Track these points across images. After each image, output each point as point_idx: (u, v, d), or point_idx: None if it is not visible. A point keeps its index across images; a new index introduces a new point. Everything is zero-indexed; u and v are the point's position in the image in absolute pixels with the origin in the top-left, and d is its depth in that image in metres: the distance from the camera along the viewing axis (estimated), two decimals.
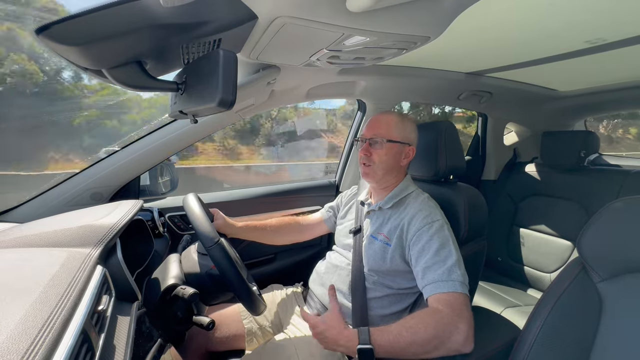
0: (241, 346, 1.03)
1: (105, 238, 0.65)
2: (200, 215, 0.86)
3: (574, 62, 1.16)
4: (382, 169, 0.98)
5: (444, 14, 0.70)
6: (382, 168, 0.98)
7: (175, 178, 1.37)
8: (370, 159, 0.98)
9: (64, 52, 0.54)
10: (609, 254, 0.64)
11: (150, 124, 1.18)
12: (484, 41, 1.02)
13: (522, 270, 1.76)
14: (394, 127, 0.98)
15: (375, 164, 0.98)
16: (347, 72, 1.24)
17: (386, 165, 0.98)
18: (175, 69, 0.81)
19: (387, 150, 0.97)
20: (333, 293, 0.93)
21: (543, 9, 0.78)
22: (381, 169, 0.98)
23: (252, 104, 1.18)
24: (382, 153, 0.97)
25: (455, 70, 1.40)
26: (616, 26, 0.87)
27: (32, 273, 0.51)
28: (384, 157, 0.97)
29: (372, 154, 0.98)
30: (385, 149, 0.97)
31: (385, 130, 0.98)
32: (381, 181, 1.01)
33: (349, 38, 0.73)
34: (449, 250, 0.83)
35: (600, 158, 2.00)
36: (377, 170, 0.98)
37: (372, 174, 0.99)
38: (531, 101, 1.79)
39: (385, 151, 0.97)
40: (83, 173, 1.08)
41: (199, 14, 0.60)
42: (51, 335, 0.38)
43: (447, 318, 0.72)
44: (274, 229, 1.20)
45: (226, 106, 0.58)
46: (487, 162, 2.10)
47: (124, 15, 0.51)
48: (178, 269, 0.84)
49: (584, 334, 0.64)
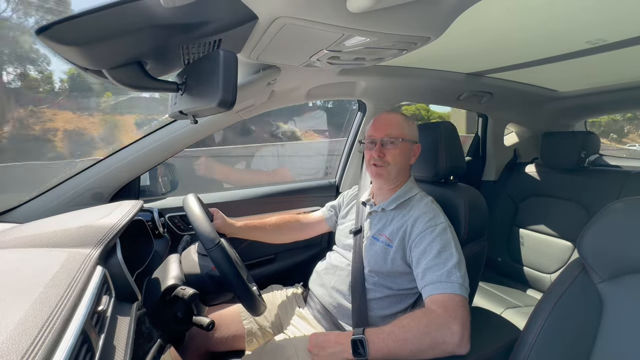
0: (241, 346, 1.03)
1: (105, 238, 0.65)
2: (200, 216, 0.86)
3: (575, 63, 1.16)
4: (396, 169, 0.98)
5: (444, 14, 0.70)
6: (396, 168, 0.98)
7: (175, 178, 1.37)
8: (384, 160, 0.97)
9: (64, 52, 0.54)
10: (609, 255, 0.64)
11: (150, 125, 1.18)
12: (484, 42, 1.02)
13: (523, 271, 1.76)
14: (404, 125, 0.99)
15: (390, 164, 0.97)
16: (347, 72, 1.24)
17: (400, 164, 0.98)
18: (176, 69, 0.81)
19: (401, 149, 0.97)
20: None
21: (543, 10, 0.77)
22: (395, 169, 0.98)
23: (252, 104, 1.18)
24: (397, 153, 0.97)
25: (455, 71, 1.40)
26: (617, 27, 0.87)
27: (32, 273, 0.51)
28: (398, 157, 0.97)
29: (386, 155, 0.97)
30: (400, 148, 0.97)
31: (398, 130, 0.98)
32: (393, 181, 1.01)
33: (349, 38, 0.73)
34: (450, 252, 0.83)
35: (601, 159, 2.00)
36: (392, 170, 0.98)
37: (386, 175, 0.98)
38: (531, 102, 1.79)
39: (399, 151, 0.97)
40: (83, 173, 1.08)
41: (199, 15, 0.60)
42: (51, 335, 0.38)
43: (440, 318, 0.73)
44: (274, 227, 1.20)
45: (226, 107, 0.58)
46: (487, 162, 2.10)
47: (124, 15, 0.51)
48: (178, 270, 0.84)
49: (584, 334, 0.63)
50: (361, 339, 0.74)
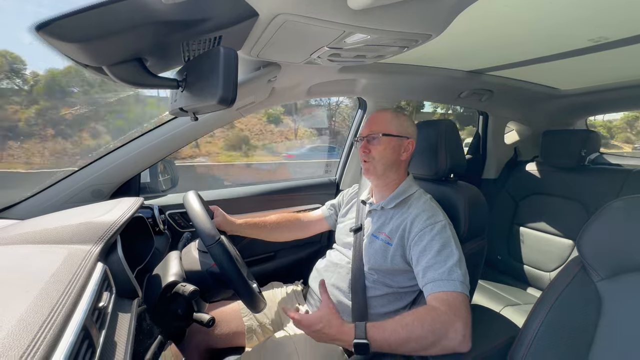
0: (241, 343, 1.03)
1: (106, 235, 0.65)
2: (200, 213, 0.86)
3: (576, 61, 1.16)
4: (382, 164, 0.98)
5: (445, 11, 0.70)
6: (382, 163, 0.98)
7: (176, 176, 1.38)
8: (370, 155, 0.99)
9: (63, 48, 0.54)
10: (608, 253, 0.64)
11: (150, 122, 1.18)
12: (485, 39, 1.01)
13: (522, 269, 1.76)
14: (389, 121, 0.99)
15: (375, 159, 0.98)
16: (348, 69, 1.23)
17: (385, 160, 0.98)
18: (176, 66, 0.80)
19: (385, 144, 0.97)
20: (324, 289, 0.87)
21: (545, 7, 0.77)
22: (381, 164, 0.98)
23: (253, 101, 1.18)
24: (381, 148, 0.97)
25: (456, 69, 1.39)
26: (619, 24, 0.86)
27: (33, 270, 0.51)
28: (382, 152, 0.97)
29: (371, 150, 0.98)
30: (383, 143, 0.97)
31: (381, 126, 0.99)
32: (382, 177, 1.01)
33: (350, 36, 0.72)
34: (450, 250, 0.83)
35: (601, 157, 2.00)
36: (377, 165, 0.98)
37: (373, 170, 0.99)
38: (532, 100, 1.79)
39: (383, 146, 0.97)
40: (84, 170, 1.08)
41: (199, 11, 0.60)
42: (52, 331, 0.38)
43: (443, 316, 0.73)
44: (274, 225, 1.20)
45: (226, 104, 0.58)
46: (487, 160, 2.10)
47: (124, 12, 0.51)
48: (178, 266, 0.85)
49: (583, 332, 0.64)
50: (365, 344, 0.71)
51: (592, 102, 1.75)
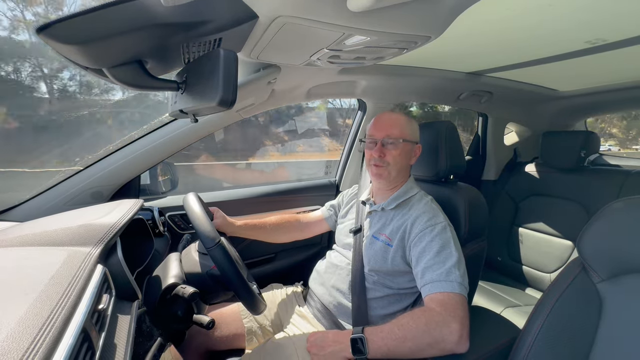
0: (241, 345, 1.03)
1: (106, 237, 0.65)
2: (200, 214, 0.86)
3: (575, 62, 1.16)
4: (396, 170, 0.98)
5: (444, 13, 0.70)
6: (396, 169, 0.98)
7: (176, 177, 1.37)
8: (384, 160, 0.97)
9: (64, 51, 0.54)
10: (609, 254, 0.64)
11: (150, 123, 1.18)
12: (484, 41, 1.02)
13: (522, 270, 1.76)
14: (406, 126, 0.98)
15: (390, 164, 0.97)
16: (348, 71, 1.24)
17: (400, 165, 0.98)
18: (176, 68, 0.81)
19: (401, 149, 0.97)
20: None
21: (543, 9, 0.77)
22: (395, 169, 0.98)
23: (253, 103, 1.18)
24: (397, 153, 0.96)
25: (455, 70, 1.39)
26: (616, 26, 0.87)
27: (32, 272, 0.51)
28: (397, 157, 0.97)
29: (386, 155, 0.97)
30: (400, 148, 0.97)
31: (399, 130, 0.97)
32: (393, 181, 1.01)
33: (349, 37, 0.73)
34: (449, 251, 0.83)
35: (601, 158, 2.00)
36: (392, 170, 0.98)
37: (386, 175, 0.98)
38: (531, 101, 1.79)
39: (399, 151, 0.97)
40: (83, 172, 1.08)
41: (199, 13, 0.60)
42: (52, 334, 0.38)
43: (438, 317, 0.73)
44: (274, 226, 1.20)
45: (226, 105, 0.58)
46: (487, 162, 2.10)
47: (124, 14, 0.51)
48: (178, 268, 0.84)
49: (583, 334, 0.64)
50: (361, 337, 0.74)
51: (591, 103, 1.76)
